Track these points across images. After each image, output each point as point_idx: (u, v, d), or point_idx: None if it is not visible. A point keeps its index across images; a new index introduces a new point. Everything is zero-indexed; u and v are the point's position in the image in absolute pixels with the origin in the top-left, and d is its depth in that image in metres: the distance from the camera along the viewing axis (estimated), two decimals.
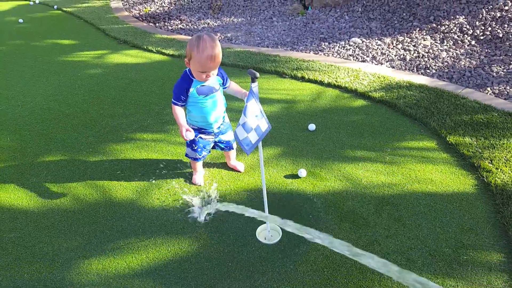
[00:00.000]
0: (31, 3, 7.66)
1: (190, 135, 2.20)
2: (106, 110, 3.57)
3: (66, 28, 6.11)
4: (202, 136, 2.43)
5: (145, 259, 2.09)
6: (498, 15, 4.26)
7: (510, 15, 4.19)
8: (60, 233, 2.28)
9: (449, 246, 2.06)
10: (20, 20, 6.49)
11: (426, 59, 4.06)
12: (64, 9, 7.05)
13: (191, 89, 2.19)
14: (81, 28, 6.09)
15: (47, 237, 2.26)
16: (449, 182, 2.49)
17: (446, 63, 3.94)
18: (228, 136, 2.54)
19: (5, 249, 2.20)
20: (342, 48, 4.53)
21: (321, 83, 3.77)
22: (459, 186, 2.45)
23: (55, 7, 7.21)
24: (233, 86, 2.40)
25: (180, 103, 2.24)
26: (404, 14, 4.94)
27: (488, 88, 3.45)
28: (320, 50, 4.55)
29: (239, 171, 2.70)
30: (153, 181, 2.63)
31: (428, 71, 3.87)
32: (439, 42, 4.33)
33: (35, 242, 2.24)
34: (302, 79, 3.89)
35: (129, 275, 2.01)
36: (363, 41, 4.59)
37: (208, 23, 5.95)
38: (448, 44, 4.25)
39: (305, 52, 4.55)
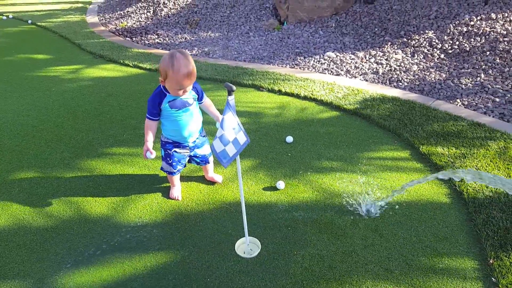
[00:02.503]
0: (4, 17, 7.51)
1: (151, 155, 2.18)
2: (81, 124, 3.50)
3: (41, 43, 6.01)
4: (177, 150, 2.41)
5: (121, 277, 2.03)
6: (465, 30, 4.47)
7: (475, 30, 4.41)
8: (33, 252, 2.20)
9: (425, 255, 2.10)
10: None
11: (398, 72, 4.19)
12: (39, 23, 6.94)
13: (164, 103, 2.20)
14: (56, 42, 6.00)
15: (19, 256, 2.18)
16: (423, 191, 2.55)
17: (417, 76, 4.08)
18: (204, 150, 2.53)
19: None
20: (317, 62, 4.63)
21: (297, 96, 3.83)
22: (433, 195, 2.51)
23: (29, 21, 7.09)
24: (208, 104, 2.42)
25: (153, 118, 2.24)
26: (376, 29, 5.11)
27: (458, 100, 3.59)
28: (296, 64, 4.64)
29: (217, 182, 2.68)
30: (129, 197, 2.59)
31: (400, 83, 4.00)
32: (410, 55, 4.49)
33: (6, 261, 2.15)
34: (279, 92, 3.94)
35: None
36: (337, 55, 4.70)
37: (186, 38, 5.97)
38: (418, 58, 4.41)
39: (282, 66, 4.62)
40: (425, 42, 4.57)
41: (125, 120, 3.56)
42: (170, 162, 2.43)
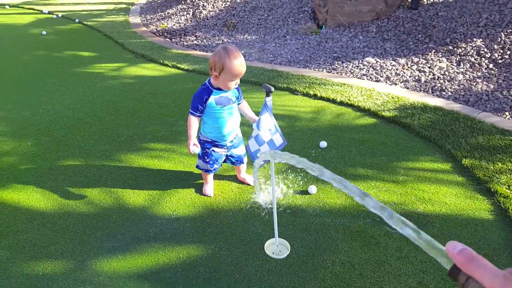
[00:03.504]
0: (54, 16, 7.93)
1: (196, 149, 2.27)
2: (122, 120, 3.64)
3: (86, 41, 6.29)
4: (215, 149, 2.46)
5: (155, 265, 2.10)
6: None
7: None
8: (75, 235, 2.32)
9: None
10: (44, 32, 6.71)
11: (441, 81, 4.05)
12: (85, 22, 7.27)
13: (210, 100, 2.24)
14: (101, 41, 6.26)
15: (62, 238, 2.30)
16: (464, 206, 2.45)
17: (462, 86, 3.92)
18: (240, 150, 2.56)
19: (23, 248, 2.25)
20: (356, 67, 4.56)
21: (333, 101, 3.79)
22: (474, 211, 2.40)
23: (77, 20, 7.45)
24: (245, 105, 2.47)
25: (197, 114, 2.29)
26: (420, 35, 4.96)
27: (507, 113, 3.41)
28: (333, 69, 4.59)
29: (248, 184, 2.70)
30: (165, 190, 2.66)
31: (443, 93, 3.86)
32: (455, 64, 4.33)
33: (51, 242, 2.28)
34: (314, 96, 3.91)
35: (139, 280, 2.02)
36: (377, 61, 4.61)
37: (222, 40, 6.07)
38: (464, 67, 4.24)
39: (318, 70, 4.59)
40: (472, 51, 4.39)
41: (163, 117, 3.67)
42: (207, 160, 2.48)
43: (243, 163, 2.63)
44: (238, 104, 2.42)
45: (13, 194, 2.68)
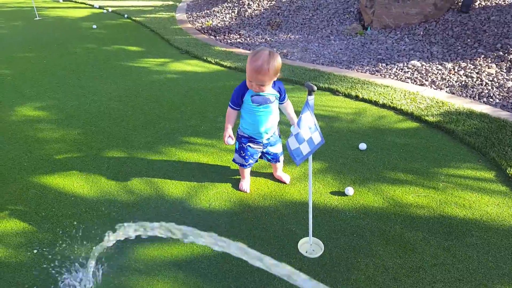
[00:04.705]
0: (105, 11, 8.31)
1: (231, 141, 2.34)
2: (164, 113, 3.78)
3: (134, 36, 6.55)
4: (251, 144, 2.50)
5: (189, 256, 2.18)
6: None
7: None
8: (115, 221, 2.44)
9: (503, 283, 1.94)
10: (94, 26, 7.06)
11: (489, 88, 3.87)
12: (134, 18, 7.56)
13: (246, 96, 2.30)
14: (148, 36, 6.50)
15: (104, 224, 2.43)
16: (507, 216, 2.35)
17: (511, 93, 3.73)
18: (276, 149, 2.59)
19: (66, 232, 2.39)
20: (400, 70, 4.45)
21: (375, 103, 3.73)
22: None
23: (126, 16, 7.77)
24: (288, 107, 2.48)
25: (234, 107, 2.36)
26: (469, 40, 4.76)
27: None
28: (376, 71, 4.51)
29: (284, 183, 2.73)
30: (202, 184, 2.74)
31: (491, 100, 3.69)
32: (505, 71, 4.12)
33: (94, 227, 2.41)
34: (356, 98, 3.87)
35: (174, 269, 2.11)
36: (422, 65, 4.48)
37: (266, 39, 6.11)
38: None
39: (361, 72, 4.52)
40: None
41: (204, 113, 3.77)
42: (243, 155, 2.53)
43: (279, 161, 2.66)
44: (281, 103, 2.44)
45: (59, 180, 2.85)
